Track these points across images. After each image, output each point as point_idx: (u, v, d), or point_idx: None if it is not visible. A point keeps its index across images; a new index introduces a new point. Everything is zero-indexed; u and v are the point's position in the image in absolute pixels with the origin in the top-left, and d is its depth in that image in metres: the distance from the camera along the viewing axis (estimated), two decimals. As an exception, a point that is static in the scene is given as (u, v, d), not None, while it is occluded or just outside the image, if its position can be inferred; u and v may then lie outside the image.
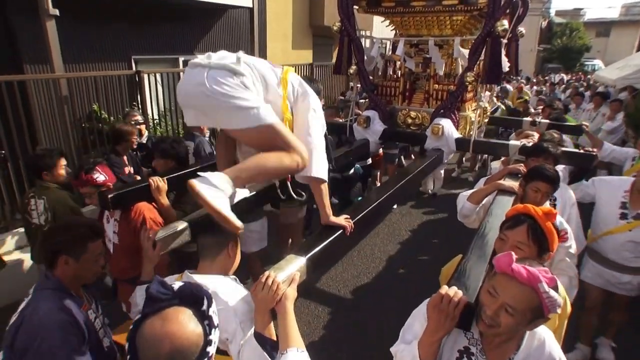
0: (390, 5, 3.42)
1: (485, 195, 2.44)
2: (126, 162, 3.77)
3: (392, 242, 5.08)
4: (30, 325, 1.46)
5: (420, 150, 4.33)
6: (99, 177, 2.32)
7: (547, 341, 1.34)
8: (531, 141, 3.31)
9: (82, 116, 5.16)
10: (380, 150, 5.13)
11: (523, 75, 20.95)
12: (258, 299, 1.37)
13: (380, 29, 3.90)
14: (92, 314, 1.68)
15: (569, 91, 11.32)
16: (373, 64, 3.66)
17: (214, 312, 1.06)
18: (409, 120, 3.55)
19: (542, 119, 4.93)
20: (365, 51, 3.65)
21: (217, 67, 1.57)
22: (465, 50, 3.31)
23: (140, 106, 5.34)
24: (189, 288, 1.04)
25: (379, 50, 3.87)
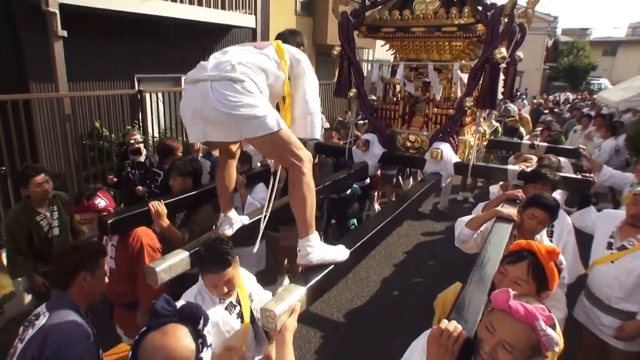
0: (390, 30, 3.47)
1: (483, 222, 2.43)
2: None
3: (388, 265, 5.03)
4: (57, 338, 1.58)
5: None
6: (100, 203, 2.34)
7: None
8: (530, 165, 3.32)
9: (84, 133, 5.21)
10: (379, 170, 5.16)
11: (528, 94, 21.01)
12: None
13: (382, 48, 3.96)
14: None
15: (574, 112, 11.33)
16: (370, 84, 3.71)
17: (208, 332, 1.19)
18: (408, 144, 3.56)
19: (541, 142, 4.96)
20: (366, 75, 3.70)
21: (218, 79, 1.59)
22: (465, 75, 3.35)
23: (141, 124, 5.39)
24: (189, 307, 1.18)
25: (379, 74, 3.92)
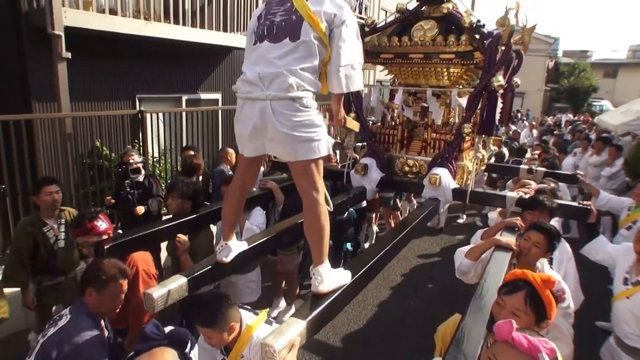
0: (389, 57, 3.53)
1: (482, 251, 2.42)
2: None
3: (386, 288, 4.96)
4: (74, 338, 1.71)
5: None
6: (101, 225, 2.33)
7: None
8: (528, 192, 3.33)
9: (84, 152, 5.23)
10: (377, 194, 5.15)
11: (530, 115, 21.15)
12: None
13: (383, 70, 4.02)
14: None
15: (577, 134, 11.40)
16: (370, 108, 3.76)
17: (195, 356, 1.23)
18: (407, 168, 3.58)
19: (539, 167, 4.99)
20: (364, 98, 3.75)
21: (277, 99, 1.64)
22: (463, 100, 3.39)
23: (141, 144, 5.41)
24: (178, 332, 1.22)
25: (378, 97, 3.96)
